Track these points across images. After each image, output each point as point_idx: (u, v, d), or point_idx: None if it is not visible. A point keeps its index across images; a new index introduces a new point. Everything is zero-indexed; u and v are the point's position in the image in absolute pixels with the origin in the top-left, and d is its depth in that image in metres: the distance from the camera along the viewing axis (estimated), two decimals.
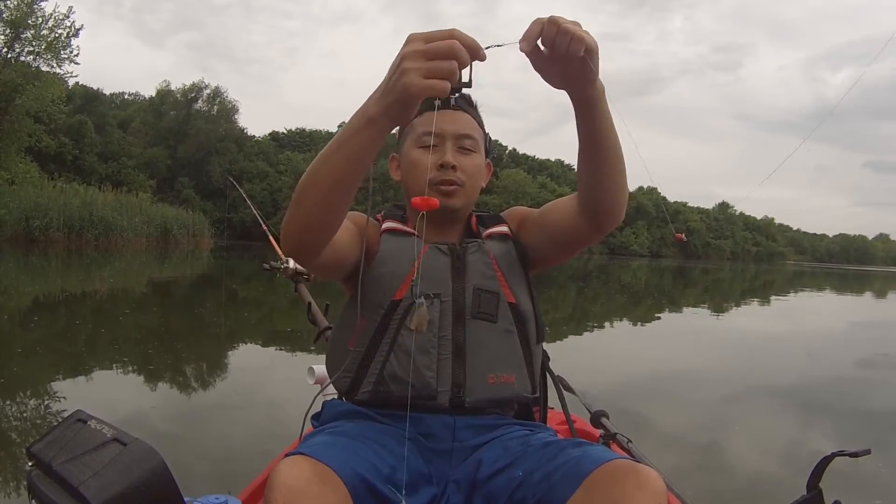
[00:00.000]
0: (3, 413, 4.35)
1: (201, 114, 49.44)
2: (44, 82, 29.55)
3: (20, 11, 28.85)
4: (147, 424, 4.15)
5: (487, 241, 1.64)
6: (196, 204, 40.50)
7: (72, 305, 10.26)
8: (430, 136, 1.55)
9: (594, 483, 1.18)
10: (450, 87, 1.05)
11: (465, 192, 1.60)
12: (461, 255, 1.58)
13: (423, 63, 1.05)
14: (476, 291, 1.55)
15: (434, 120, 1.43)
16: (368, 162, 1.21)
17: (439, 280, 1.54)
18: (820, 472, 1.52)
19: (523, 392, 1.58)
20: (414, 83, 1.05)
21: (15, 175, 28.45)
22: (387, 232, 1.62)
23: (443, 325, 1.51)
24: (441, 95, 1.06)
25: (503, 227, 1.69)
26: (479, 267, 1.57)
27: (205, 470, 3.46)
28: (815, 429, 5.21)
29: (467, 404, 1.50)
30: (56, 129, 35.07)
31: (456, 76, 1.05)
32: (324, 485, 1.14)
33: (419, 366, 1.48)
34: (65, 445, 1.20)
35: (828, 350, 9.90)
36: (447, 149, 1.58)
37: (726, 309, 17.00)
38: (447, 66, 1.05)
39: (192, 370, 6.20)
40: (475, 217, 1.73)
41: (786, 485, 3.57)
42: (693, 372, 6.73)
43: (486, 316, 1.54)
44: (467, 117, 1.63)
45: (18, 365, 5.80)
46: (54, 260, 19.14)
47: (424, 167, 1.57)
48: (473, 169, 1.61)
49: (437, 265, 1.55)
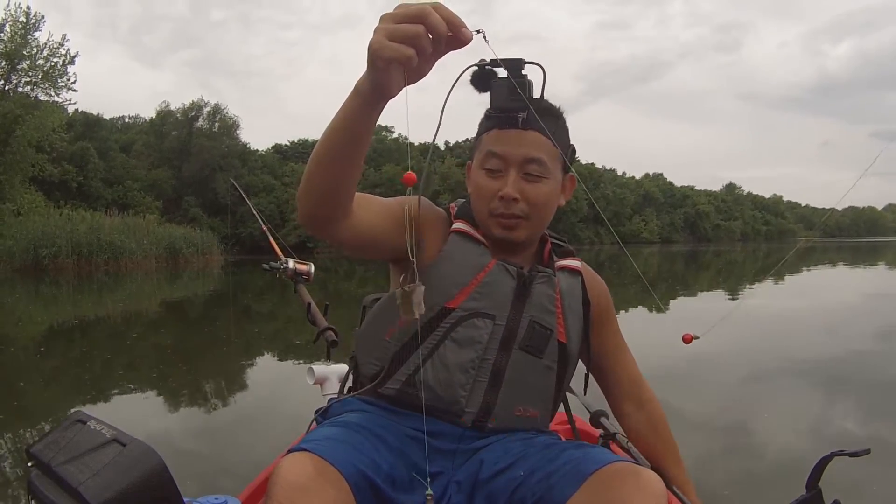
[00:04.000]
0: (24, 439, 4.35)
1: (203, 132, 49.55)
2: (43, 111, 29.73)
3: (14, 43, 29.06)
4: (148, 429, 4.15)
5: (558, 272, 1.58)
6: (203, 222, 40.63)
7: (86, 331, 10.29)
8: (494, 159, 1.48)
9: (594, 484, 1.19)
10: (413, 53, 1.00)
11: (530, 224, 1.51)
12: (528, 282, 1.51)
13: (389, 24, 1.01)
14: (532, 324, 1.50)
15: None
16: (361, 136, 1.17)
17: (499, 302, 1.49)
18: (819, 472, 1.52)
19: (541, 426, 1.57)
20: (377, 41, 1.01)
21: (20, 206, 28.65)
22: (456, 233, 1.54)
23: (489, 348, 1.47)
24: (402, 61, 1.00)
25: (576, 262, 1.64)
26: (542, 299, 1.52)
27: (205, 470, 3.46)
28: (837, 418, 5.09)
29: (488, 429, 1.48)
30: (59, 157, 35.26)
31: (421, 41, 0.99)
32: (325, 481, 1.14)
33: (454, 382, 1.45)
34: (64, 446, 1.19)
35: (846, 325, 9.83)
36: (510, 176, 1.47)
37: (740, 290, 16.92)
38: (411, 29, 0.99)
39: (201, 382, 6.23)
40: (550, 243, 1.66)
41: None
42: (705, 357, 6.67)
43: (534, 350, 1.50)
44: (537, 138, 1.46)
45: (37, 393, 5.81)
46: (65, 287, 19.22)
47: (486, 194, 1.50)
48: (541, 198, 1.49)
49: (500, 286, 1.49)
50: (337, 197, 1.25)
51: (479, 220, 1.54)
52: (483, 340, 1.46)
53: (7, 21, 29.38)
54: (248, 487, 1.86)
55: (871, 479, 3.42)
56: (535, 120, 1.43)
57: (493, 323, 1.47)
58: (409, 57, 1.00)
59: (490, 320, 1.47)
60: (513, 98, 1.32)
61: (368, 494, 1.22)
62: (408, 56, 1.00)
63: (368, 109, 1.13)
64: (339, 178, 1.22)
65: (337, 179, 1.22)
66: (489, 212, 1.50)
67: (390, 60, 1.01)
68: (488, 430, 1.48)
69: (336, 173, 1.21)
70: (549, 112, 1.51)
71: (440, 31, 1.00)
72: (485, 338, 1.46)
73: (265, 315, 12.53)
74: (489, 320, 1.47)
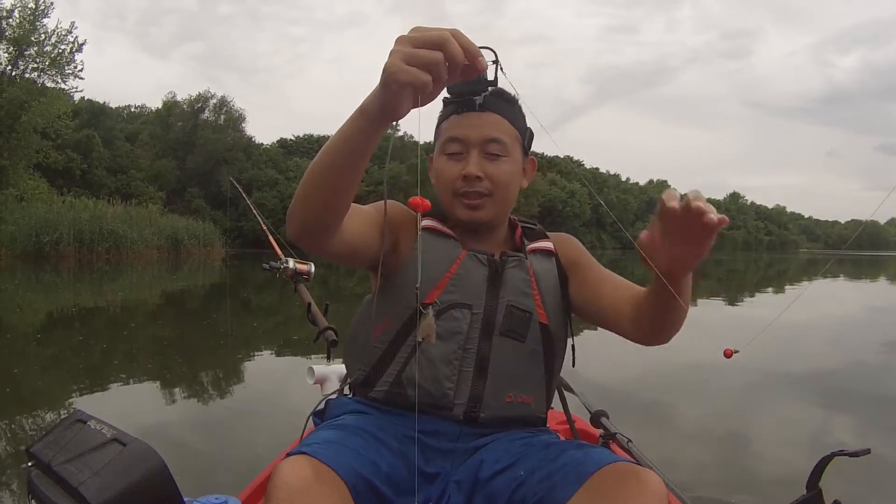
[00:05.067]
0: (21, 426, 4.35)
1: (208, 124, 49.68)
2: (49, 98, 29.70)
3: (23, 29, 29.06)
4: (152, 430, 4.14)
5: (530, 255, 1.58)
6: (206, 214, 40.62)
7: (85, 320, 10.29)
8: (454, 143, 1.50)
9: (595, 485, 1.19)
10: (430, 79, 0.99)
11: (493, 202, 1.52)
12: (500, 267, 1.52)
13: (408, 48, 1.00)
14: (509, 308, 1.50)
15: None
16: (364, 154, 1.16)
17: (473, 291, 1.49)
18: (819, 472, 1.52)
19: (538, 413, 1.57)
20: (393, 64, 0.99)
21: (24, 191, 28.65)
22: (425, 230, 1.54)
23: (470, 337, 1.47)
24: (418, 87, 1.00)
25: (548, 242, 1.63)
26: (516, 283, 1.52)
27: (205, 470, 3.45)
28: (825, 424, 5.11)
29: (481, 420, 1.48)
30: (63, 144, 35.34)
31: (439, 68, 0.99)
32: (324, 483, 1.14)
33: (439, 376, 1.45)
34: (64, 446, 1.19)
35: (848, 337, 9.81)
36: (472, 157, 1.49)
37: (741, 299, 16.92)
38: (429, 56, 0.98)
39: (200, 379, 6.20)
40: (520, 228, 1.66)
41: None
42: (703, 365, 6.66)
43: (516, 335, 1.50)
44: (495, 118, 1.51)
45: (33, 380, 5.82)
46: (65, 275, 19.23)
47: (449, 176, 1.51)
48: (503, 176, 1.51)
49: (473, 275, 1.50)
50: (336, 210, 1.24)
51: (445, 205, 1.55)
52: (463, 331, 1.46)
53: (16, 7, 29.45)
54: (248, 487, 1.87)
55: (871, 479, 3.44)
56: (500, 100, 1.50)
57: (471, 312, 1.48)
58: (425, 83, 0.99)
59: (468, 310, 1.48)
60: (469, 81, 1.34)
61: (368, 497, 1.22)
62: (424, 82, 0.99)
63: (373, 129, 1.11)
64: (339, 192, 1.21)
65: (337, 193, 1.21)
66: (453, 192, 1.51)
67: (406, 84, 1.00)
68: (482, 420, 1.48)
69: (336, 188, 1.20)
70: (505, 97, 1.53)
71: (458, 60, 1.00)
72: (464, 328, 1.47)
73: (265, 309, 12.52)
74: (467, 310, 1.48)
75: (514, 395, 1.51)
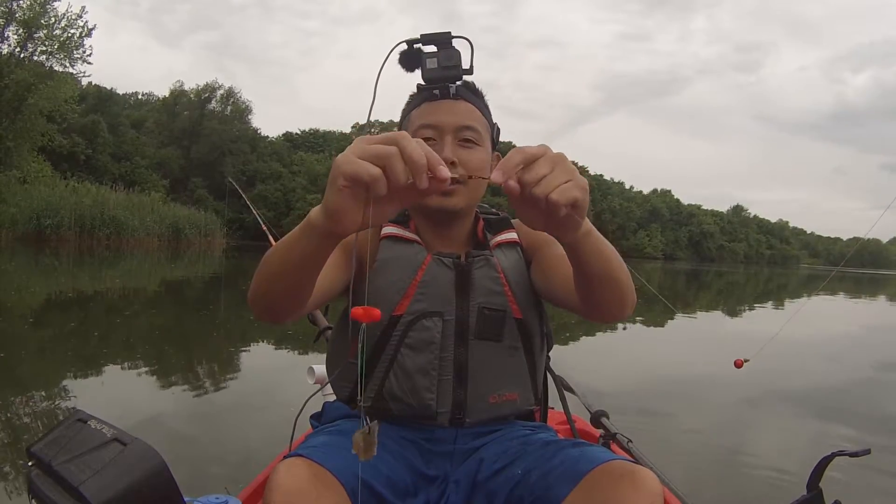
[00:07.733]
0: (15, 413, 4.33)
1: (215, 114, 49.81)
2: (56, 82, 29.70)
3: (33, 11, 29.05)
4: (148, 424, 4.13)
5: (496, 250, 1.54)
6: (209, 204, 40.66)
7: (82, 304, 10.29)
8: (427, 130, 1.47)
9: (591, 483, 1.19)
10: (380, 173, 0.87)
11: (466, 189, 1.47)
12: (467, 269, 1.48)
13: (362, 144, 0.90)
14: (481, 311, 1.47)
15: None
16: (315, 263, 1.10)
17: (442, 297, 1.46)
18: (820, 473, 1.52)
19: (526, 406, 1.56)
20: (343, 156, 0.89)
21: (27, 174, 28.69)
22: (387, 238, 1.51)
23: (444, 345, 1.45)
24: (366, 181, 0.87)
25: (512, 233, 1.59)
26: (485, 283, 1.48)
27: (205, 470, 3.44)
28: (823, 430, 5.14)
29: (467, 424, 1.47)
30: (69, 128, 35.36)
31: (392, 161, 0.87)
32: (322, 486, 1.13)
33: (418, 387, 1.43)
34: (65, 445, 1.19)
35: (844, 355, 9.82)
36: (446, 143, 1.45)
37: (740, 312, 16.93)
38: (382, 149, 0.88)
39: (196, 371, 6.19)
40: (482, 221, 1.61)
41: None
42: (703, 375, 6.66)
43: (491, 335, 1.47)
44: (468, 107, 1.49)
45: (30, 363, 5.81)
46: (65, 259, 19.25)
47: None
48: (476, 164, 1.47)
49: (440, 281, 1.47)
50: (299, 297, 1.20)
51: None
52: (436, 340, 1.44)
53: None
54: (249, 487, 1.88)
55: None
56: (470, 92, 1.51)
57: (443, 319, 1.45)
58: (374, 178, 0.87)
59: (438, 318, 1.45)
60: (445, 67, 1.32)
61: (367, 500, 1.22)
62: (373, 176, 0.87)
63: (319, 242, 1.03)
64: (301, 286, 1.17)
65: (299, 286, 1.16)
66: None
67: (353, 178, 0.88)
68: (468, 425, 1.47)
69: (296, 284, 1.15)
70: (474, 89, 1.54)
71: (416, 160, 0.87)
72: (437, 337, 1.44)
73: None
74: (437, 318, 1.45)
75: (497, 395, 1.49)
